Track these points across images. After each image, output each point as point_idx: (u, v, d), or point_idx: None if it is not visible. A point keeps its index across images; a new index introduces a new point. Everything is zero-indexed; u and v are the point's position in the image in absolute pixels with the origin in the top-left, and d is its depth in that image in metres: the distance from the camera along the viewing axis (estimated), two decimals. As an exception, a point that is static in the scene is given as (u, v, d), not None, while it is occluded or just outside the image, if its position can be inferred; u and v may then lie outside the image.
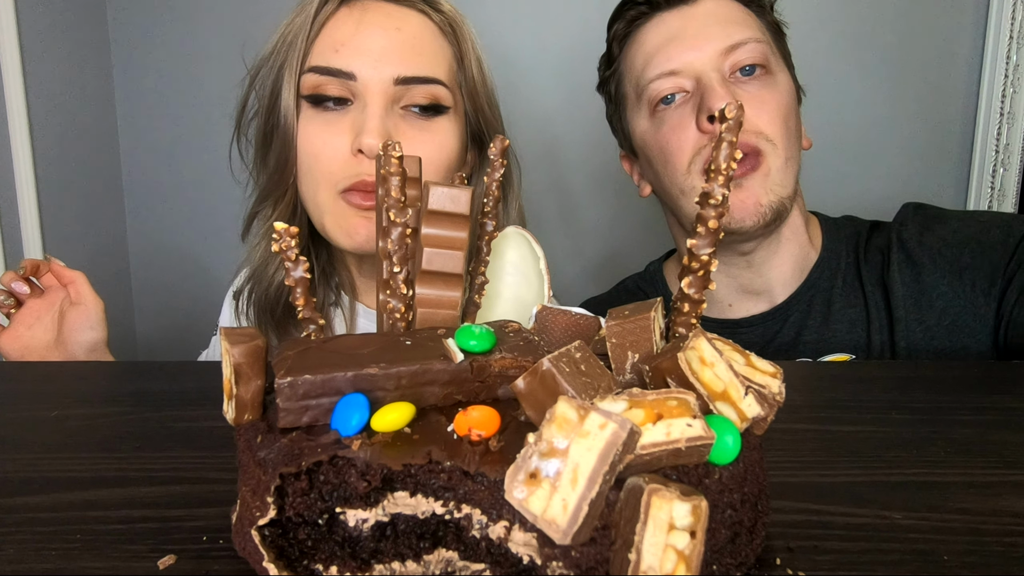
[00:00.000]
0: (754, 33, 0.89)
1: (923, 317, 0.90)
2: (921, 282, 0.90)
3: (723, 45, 0.87)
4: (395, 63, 0.76)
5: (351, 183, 0.76)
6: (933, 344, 0.89)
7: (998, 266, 0.87)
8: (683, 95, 0.89)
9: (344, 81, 0.76)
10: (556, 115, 1.63)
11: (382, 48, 0.77)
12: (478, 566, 0.33)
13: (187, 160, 1.71)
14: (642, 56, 0.92)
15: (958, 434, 0.51)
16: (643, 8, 0.92)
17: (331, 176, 0.77)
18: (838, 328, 0.93)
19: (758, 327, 0.97)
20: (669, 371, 0.33)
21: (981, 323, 0.88)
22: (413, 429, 0.34)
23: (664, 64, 0.89)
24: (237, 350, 0.34)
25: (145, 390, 0.63)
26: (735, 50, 0.87)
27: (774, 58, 0.91)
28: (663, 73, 0.89)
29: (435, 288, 0.41)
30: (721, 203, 0.37)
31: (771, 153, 0.87)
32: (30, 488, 0.44)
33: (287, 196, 0.82)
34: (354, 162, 0.76)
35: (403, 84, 0.77)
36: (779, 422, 0.37)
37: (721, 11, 0.89)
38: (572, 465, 0.27)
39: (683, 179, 0.90)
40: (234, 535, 0.35)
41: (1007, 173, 1.63)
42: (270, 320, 0.83)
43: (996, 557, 0.36)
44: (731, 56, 0.87)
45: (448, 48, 0.82)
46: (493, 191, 0.46)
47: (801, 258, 0.97)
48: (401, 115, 0.78)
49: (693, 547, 0.27)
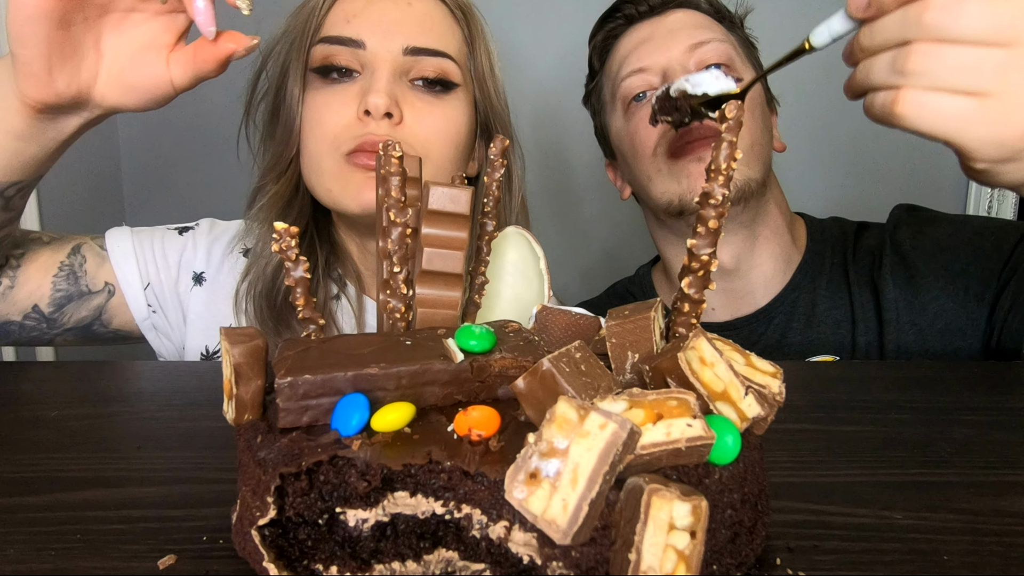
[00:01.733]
0: (718, 35, 0.94)
1: (916, 319, 0.90)
2: (915, 284, 0.90)
3: (688, 43, 0.92)
4: (405, 34, 0.78)
5: (357, 143, 0.76)
6: (925, 346, 0.90)
7: (992, 272, 0.88)
8: (651, 91, 0.93)
9: (353, 50, 0.77)
10: (557, 115, 1.63)
11: (393, 19, 0.78)
12: (478, 566, 0.33)
13: (187, 159, 1.71)
14: (617, 61, 0.98)
15: (958, 434, 0.51)
16: (620, 21, 1.00)
17: (335, 139, 0.77)
18: (822, 329, 0.94)
19: (742, 330, 0.97)
20: (669, 371, 0.33)
21: (973, 327, 0.89)
22: (413, 429, 0.34)
23: (635, 62, 0.95)
24: (237, 350, 0.34)
25: (145, 390, 0.63)
26: (699, 47, 0.92)
27: (739, 60, 0.95)
28: (633, 71, 0.95)
29: (435, 288, 0.41)
30: (721, 203, 0.37)
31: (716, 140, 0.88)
32: (30, 488, 0.44)
33: (289, 171, 0.82)
34: (360, 124, 0.76)
35: (412, 55, 0.77)
36: (779, 422, 0.37)
37: (689, 19, 0.96)
38: (572, 465, 0.27)
39: (649, 164, 0.93)
40: (234, 535, 0.35)
41: (1007, 173, 1.63)
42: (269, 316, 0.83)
43: (996, 557, 0.36)
44: (696, 53, 0.92)
45: (459, 30, 0.83)
46: (493, 191, 0.46)
47: (784, 259, 0.97)
48: (409, 87, 0.79)
49: (693, 547, 0.27)
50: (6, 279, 0.77)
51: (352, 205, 0.78)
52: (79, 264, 0.81)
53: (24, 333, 0.79)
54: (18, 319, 0.78)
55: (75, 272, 0.80)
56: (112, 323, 0.84)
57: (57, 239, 0.83)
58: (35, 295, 0.78)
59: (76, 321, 0.81)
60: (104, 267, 0.83)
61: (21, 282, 0.77)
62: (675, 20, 0.96)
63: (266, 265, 0.83)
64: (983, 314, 0.88)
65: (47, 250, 0.80)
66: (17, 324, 0.78)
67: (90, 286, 0.81)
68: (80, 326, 0.81)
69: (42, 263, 0.79)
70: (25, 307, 0.78)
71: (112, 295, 0.83)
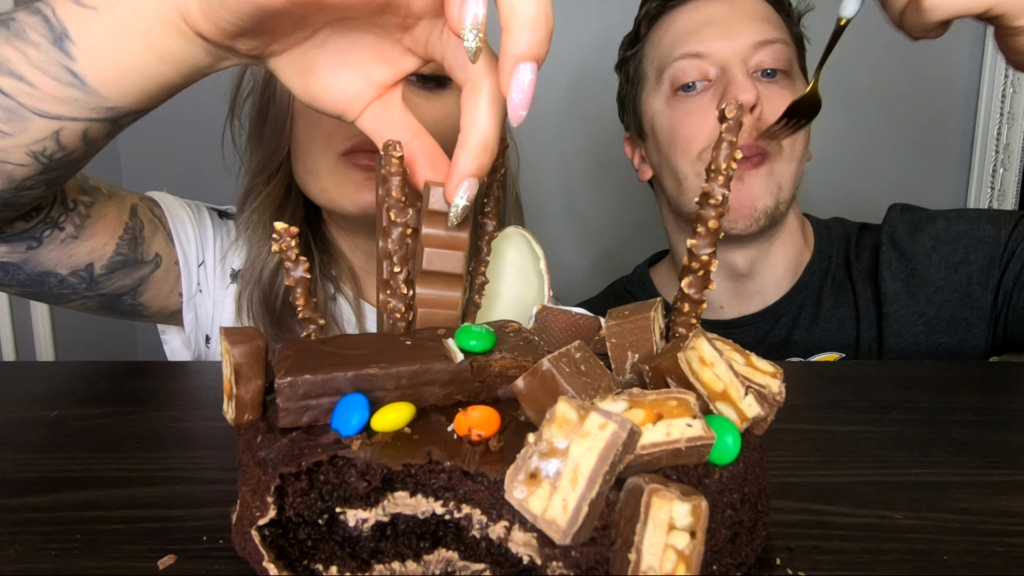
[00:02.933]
0: (784, 35, 0.90)
1: (922, 310, 0.90)
2: (916, 277, 0.91)
3: (755, 39, 0.87)
4: None
5: (352, 143, 0.74)
6: (932, 338, 0.90)
7: (993, 258, 0.89)
8: (704, 83, 0.89)
9: None
10: (562, 113, 1.63)
11: None
12: (478, 566, 0.33)
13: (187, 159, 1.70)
14: (671, 36, 0.92)
15: (958, 434, 0.51)
16: None
17: (329, 138, 0.75)
18: (827, 327, 0.94)
19: (749, 328, 0.97)
20: (669, 371, 0.33)
21: (979, 316, 0.89)
22: (413, 429, 0.34)
23: (694, 45, 0.88)
24: (237, 350, 0.34)
25: (145, 390, 0.63)
26: (764, 47, 0.88)
27: (795, 67, 0.93)
28: (689, 54, 0.89)
29: (435, 288, 0.41)
30: (721, 203, 0.37)
31: (777, 156, 0.88)
32: (30, 488, 0.44)
33: (281, 171, 0.80)
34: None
35: None
36: (779, 422, 0.37)
37: (758, 8, 0.90)
38: (572, 465, 0.27)
39: (690, 166, 0.90)
40: (234, 535, 0.35)
41: (1007, 173, 1.63)
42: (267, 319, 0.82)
43: (996, 557, 0.36)
44: (759, 52, 0.88)
45: None
46: (493, 191, 0.46)
47: (795, 260, 0.98)
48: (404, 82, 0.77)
49: (693, 547, 0.27)
50: (70, 226, 0.67)
51: (349, 206, 0.77)
52: (139, 229, 0.75)
53: (58, 289, 0.71)
54: (64, 273, 0.69)
55: (136, 238, 0.74)
56: (142, 296, 0.78)
57: (114, 194, 0.74)
58: (96, 253, 0.71)
59: (115, 288, 0.75)
60: (157, 237, 0.77)
61: (88, 235, 0.69)
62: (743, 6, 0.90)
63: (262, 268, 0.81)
64: (988, 301, 0.89)
65: (113, 206, 0.72)
66: (58, 278, 0.69)
67: (144, 255, 0.76)
68: (114, 294, 0.75)
69: (111, 220, 0.71)
70: (79, 263, 0.70)
71: (158, 267, 0.78)
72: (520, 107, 0.36)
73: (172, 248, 0.79)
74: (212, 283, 0.83)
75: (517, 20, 0.35)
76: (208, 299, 0.83)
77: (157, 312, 0.82)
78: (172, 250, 0.80)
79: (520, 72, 0.35)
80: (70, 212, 0.67)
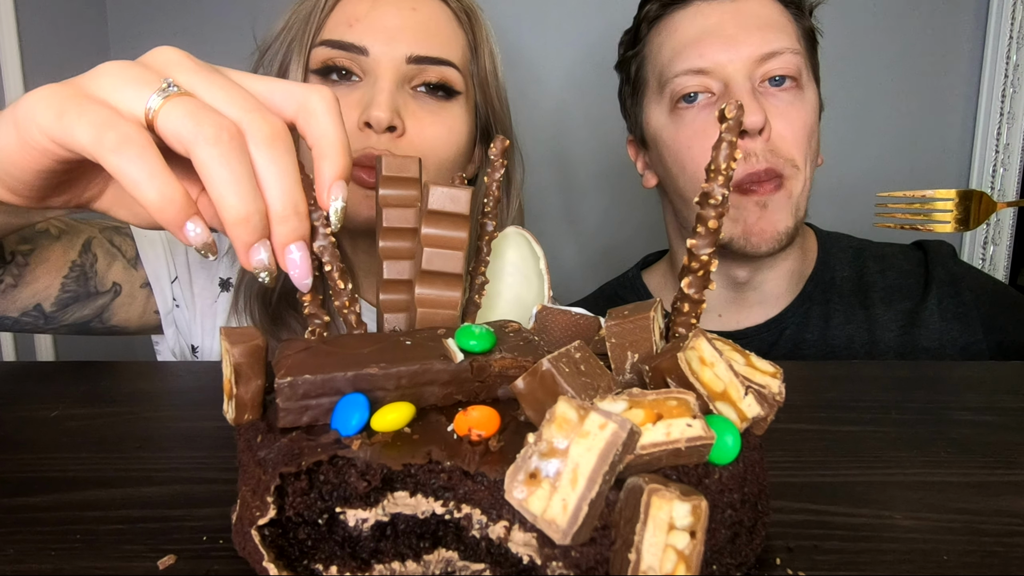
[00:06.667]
0: (791, 43, 0.86)
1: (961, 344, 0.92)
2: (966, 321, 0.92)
3: (759, 52, 0.83)
4: (409, 41, 0.76)
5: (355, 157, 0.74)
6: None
7: None
8: (707, 96, 0.86)
9: (355, 56, 0.76)
10: (561, 113, 1.63)
11: (396, 26, 0.76)
12: (478, 566, 0.33)
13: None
14: (671, 45, 0.88)
15: (958, 434, 0.51)
16: None
17: None
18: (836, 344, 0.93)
19: (753, 339, 0.96)
20: (669, 371, 0.33)
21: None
22: (413, 429, 0.34)
23: (695, 60, 0.85)
24: (237, 350, 0.34)
25: (145, 390, 0.63)
26: (770, 59, 0.84)
27: (805, 71, 0.88)
28: (691, 70, 0.85)
29: (435, 288, 0.41)
30: (721, 203, 0.37)
31: (793, 178, 0.85)
32: (30, 488, 0.44)
33: None
34: (360, 136, 0.74)
35: (415, 63, 0.76)
36: (779, 422, 0.37)
37: (763, 12, 0.86)
38: (572, 465, 0.27)
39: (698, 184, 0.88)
40: (234, 535, 0.35)
41: (1007, 173, 1.63)
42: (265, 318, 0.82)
43: (996, 557, 0.36)
44: (765, 64, 0.84)
45: (462, 35, 0.82)
46: (493, 191, 0.46)
47: (797, 271, 0.97)
48: (411, 95, 0.77)
49: (693, 547, 0.27)
50: (9, 277, 0.71)
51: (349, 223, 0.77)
52: (90, 264, 0.78)
53: (17, 327, 0.75)
54: (14, 315, 0.74)
55: (86, 273, 0.77)
56: (111, 320, 0.81)
57: (67, 231, 0.76)
58: (40, 295, 0.74)
59: (76, 319, 0.78)
60: (114, 267, 0.80)
61: (27, 281, 0.72)
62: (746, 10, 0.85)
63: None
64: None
65: (58, 247, 0.75)
66: (12, 320, 0.74)
67: (98, 287, 0.78)
68: (78, 323, 0.79)
69: (54, 263, 0.74)
70: (26, 305, 0.73)
71: (118, 295, 0.80)
72: (300, 280, 0.39)
73: (136, 272, 0.81)
74: (190, 295, 0.84)
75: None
76: (186, 312, 0.85)
77: (138, 329, 0.84)
78: (136, 274, 0.81)
79: (290, 253, 0.39)
80: (7, 264, 0.71)
